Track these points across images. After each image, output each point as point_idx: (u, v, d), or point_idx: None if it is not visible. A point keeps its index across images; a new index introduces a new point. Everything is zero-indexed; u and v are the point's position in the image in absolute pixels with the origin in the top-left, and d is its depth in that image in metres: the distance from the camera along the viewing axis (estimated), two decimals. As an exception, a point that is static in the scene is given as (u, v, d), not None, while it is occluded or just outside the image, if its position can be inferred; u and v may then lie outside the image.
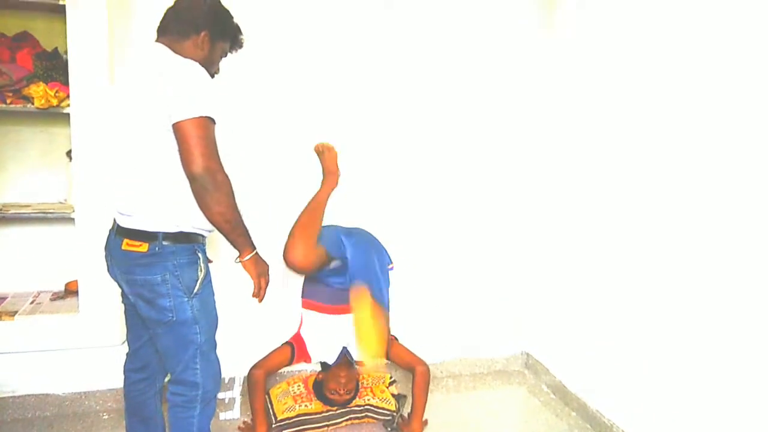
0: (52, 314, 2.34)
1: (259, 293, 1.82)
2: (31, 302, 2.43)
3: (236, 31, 1.90)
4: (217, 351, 1.86)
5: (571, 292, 2.74)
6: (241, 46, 1.95)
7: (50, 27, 2.37)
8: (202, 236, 1.76)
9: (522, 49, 2.90)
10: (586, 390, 2.63)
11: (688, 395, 2.01)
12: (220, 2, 1.83)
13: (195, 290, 1.69)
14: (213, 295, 1.81)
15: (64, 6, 2.16)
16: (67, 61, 2.22)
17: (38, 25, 2.39)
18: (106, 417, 2.48)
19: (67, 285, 2.53)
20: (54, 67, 2.30)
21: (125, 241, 1.66)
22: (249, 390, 2.36)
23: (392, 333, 2.58)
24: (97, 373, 2.50)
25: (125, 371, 1.95)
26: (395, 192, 2.81)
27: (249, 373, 2.36)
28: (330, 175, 2.58)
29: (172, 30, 1.72)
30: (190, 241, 1.69)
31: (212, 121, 1.59)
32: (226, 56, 1.90)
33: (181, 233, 1.66)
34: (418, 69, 2.77)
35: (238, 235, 1.72)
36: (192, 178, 1.57)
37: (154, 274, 1.64)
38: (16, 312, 2.32)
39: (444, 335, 3.00)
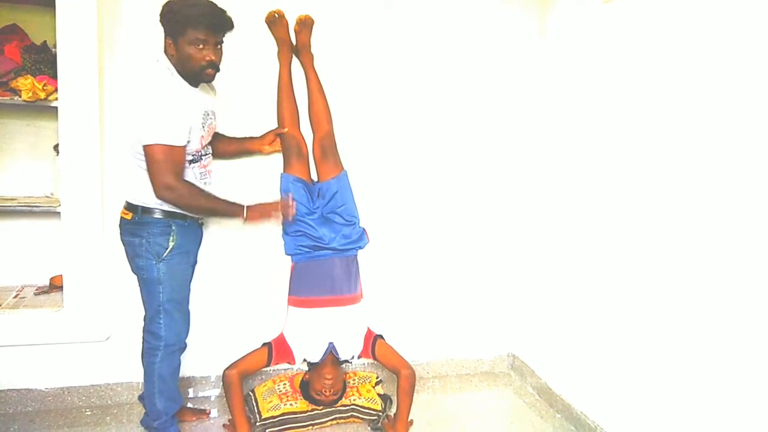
0: (35, 309, 2.33)
1: (282, 212, 2.23)
2: (15, 296, 2.42)
3: (189, 16, 1.84)
4: (189, 316, 2.22)
5: (558, 294, 2.75)
6: (215, 28, 1.90)
7: (39, 20, 2.37)
8: (183, 215, 2.07)
9: (516, 54, 2.91)
10: (571, 392, 2.63)
11: (673, 398, 2.01)
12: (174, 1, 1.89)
13: (163, 256, 2.02)
14: (184, 266, 2.15)
15: (53, -1, 2.15)
16: (55, 54, 2.21)
17: (27, 18, 2.38)
18: (88, 413, 2.46)
19: (51, 279, 2.52)
20: (42, 61, 2.30)
21: (122, 210, 2.09)
22: (225, 391, 2.31)
23: (378, 332, 2.58)
24: (81, 369, 2.48)
25: None
26: (385, 193, 2.80)
27: (223, 374, 2.30)
28: (283, 45, 2.52)
29: None
30: (165, 217, 2.02)
31: (168, 146, 1.87)
32: (206, 45, 1.89)
33: (157, 209, 2.00)
34: (415, 71, 2.76)
35: (224, 213, 2.15)
36: (160, 198, 1.94)
37: (134, 237, 2.03)
38: (-1, 306, 2.30)
39: (431, 335, 3.00)
